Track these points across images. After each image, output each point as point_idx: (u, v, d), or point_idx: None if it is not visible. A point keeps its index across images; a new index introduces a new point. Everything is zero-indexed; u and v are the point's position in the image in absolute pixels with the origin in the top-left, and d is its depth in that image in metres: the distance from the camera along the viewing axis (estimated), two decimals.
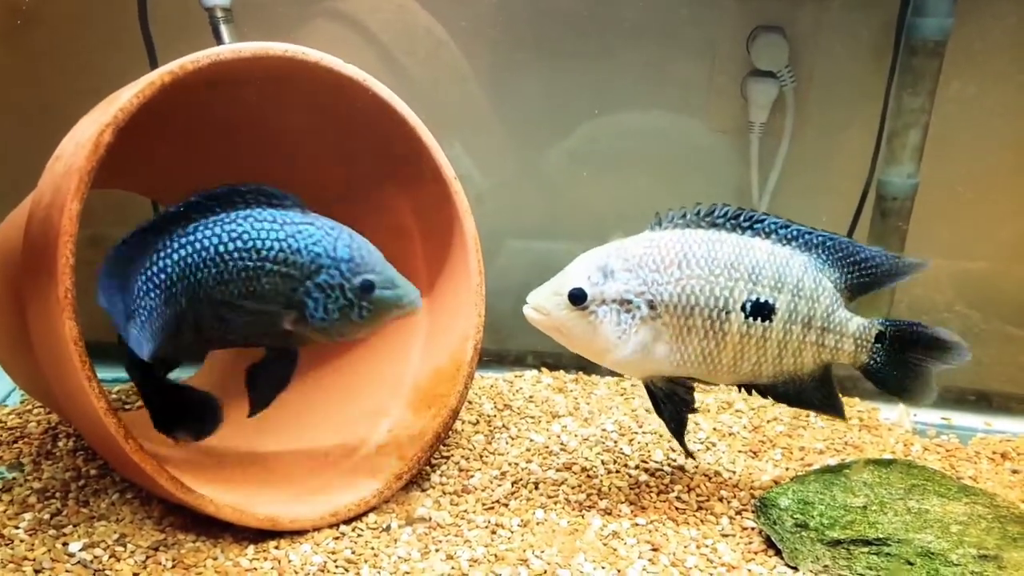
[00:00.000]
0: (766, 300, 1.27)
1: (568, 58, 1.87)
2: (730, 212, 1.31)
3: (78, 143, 1.14)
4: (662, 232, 1.31)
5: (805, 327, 1.30)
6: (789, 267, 1.29)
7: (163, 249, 1.25)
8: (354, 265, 1.25)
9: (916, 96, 1.60)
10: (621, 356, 1.30)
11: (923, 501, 1.31)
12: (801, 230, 1.32)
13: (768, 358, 1.30)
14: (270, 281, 1.24)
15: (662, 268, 1.27)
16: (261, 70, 1.30)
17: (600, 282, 1.27)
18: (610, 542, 1.33)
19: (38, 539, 1.30)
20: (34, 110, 1.82)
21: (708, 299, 1.27)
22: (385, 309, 1.27)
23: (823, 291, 1.31)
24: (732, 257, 1.27)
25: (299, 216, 1.27)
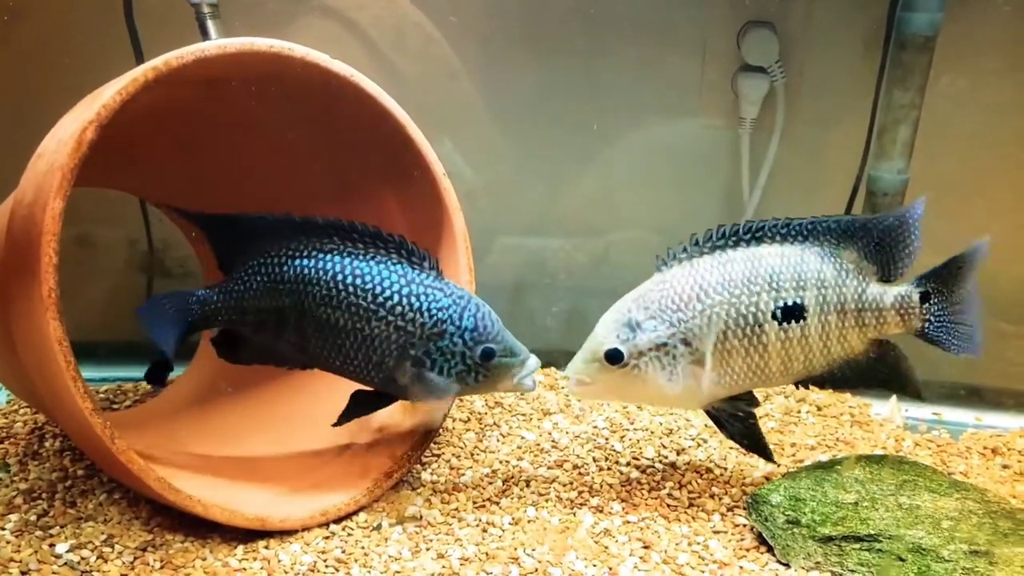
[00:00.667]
0: (794, 302, 1.29)
1: (559, 54, 1.86)
2: (728, 230, 1.32)
3: (60, 140, 1.12)
4: (671, 271, 1.33)
5: (840, 314, 1.31)
6: (805, 263, 1.30)
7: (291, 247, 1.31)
8: (477, 335, 1.29)
9: (906, 91, 1.60)
10: (676, 396, 1.33)
11: (914, 497, 1.31)
12: (802, 224, 1.33)
13: (816, 352, 1.32)
14: (381, 327, 1.29)
15: (683, 305, 1.29)
16: (246, 66, 1.28)
17: (631, 337, 1.30)
18: (601, 540, 1.32)
19: (24, 540, 1.29)
20: (17, 106, 1.80)
21: (737, 319, 1.29)
22: (501, 375, 1.31)
23: (846, 274, 1.31)
24: (746, 272, 1.29)
25: (430, 279, 1.32)
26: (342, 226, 1.32)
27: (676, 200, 1.97)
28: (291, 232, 1.33)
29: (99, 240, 1.84)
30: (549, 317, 2.04)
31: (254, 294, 1.34)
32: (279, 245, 1.33)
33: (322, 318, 1.30)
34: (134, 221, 1.83)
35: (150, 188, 1.66)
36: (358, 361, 1.32)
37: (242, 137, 1.48)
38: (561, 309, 2.04)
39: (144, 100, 1.17)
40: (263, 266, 1.33)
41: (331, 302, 1.29)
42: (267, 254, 1.33)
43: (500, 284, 2.00)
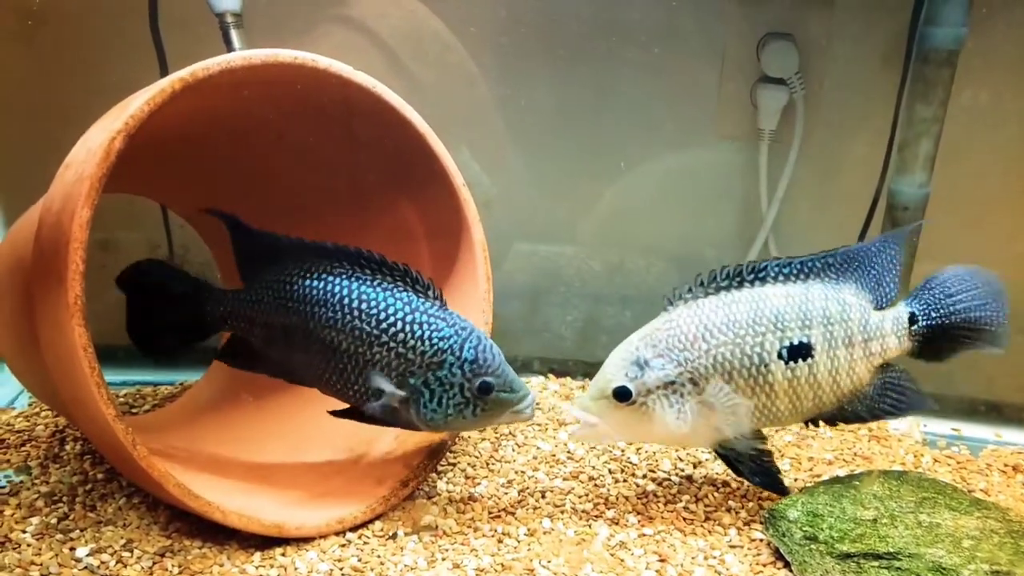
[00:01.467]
0: (800, 341, 1.31)
1: (576, 63, 1.87)
2: (732, 271, 1.35)
3: (89, 150, 1.14)
4: (677, 311, 1.35)
5: (848, 347, 1.33)
6: (809, 300, 1.32)
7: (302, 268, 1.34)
8: (477, 367, 1.29)
9: (928, 105, 1.59)
10: (685, 435, 1.34)
11: (934, 515, 1.30)
12: (803, 262, 1.36)
13: (825, 389, 1.34)
14: (382, 353, 1.29)
15: (689, 345, 1.31)
16: (271, 77, 1.30)
17: (638, 375, 1.31)
18: (617, 552, 1.32)
19: (45, 543, 1.30)
20: (44, 116, 1.82)
21: (742, 359, 1.31)
22: (499, 410, 1.31)
23: (848, 307, 1.34)
24: (751, 313, 1.31)
25: (434, 308, 1.32)
26: (350, 252, 1.34)
27: (692, 211, 1.97)
28: (303, 254, 1.35)
29: (120, 244, 1.86)
30: (564, 326, 2.04)
31: (264, 307, 1.37)
32: (291, 265, 1.35)
33: (326, 340, 1.31)
34: (154, 225, 1.85)
35: (173, 196, 1.68)
36: (358, 386, 1.32)
37: (264, 146, 1.49)
38: (576, 318, 2.04)
39: (170, 110, 1.18)
40: (275, 283, 1.36)
41: (336, 324, 1.30)
42: (280, 272, 1.36)
43: (515, 292, 2.00)
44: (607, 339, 2.07)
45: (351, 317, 1.30)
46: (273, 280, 1.36)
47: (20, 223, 1.43)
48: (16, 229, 1.45)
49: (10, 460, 1.55)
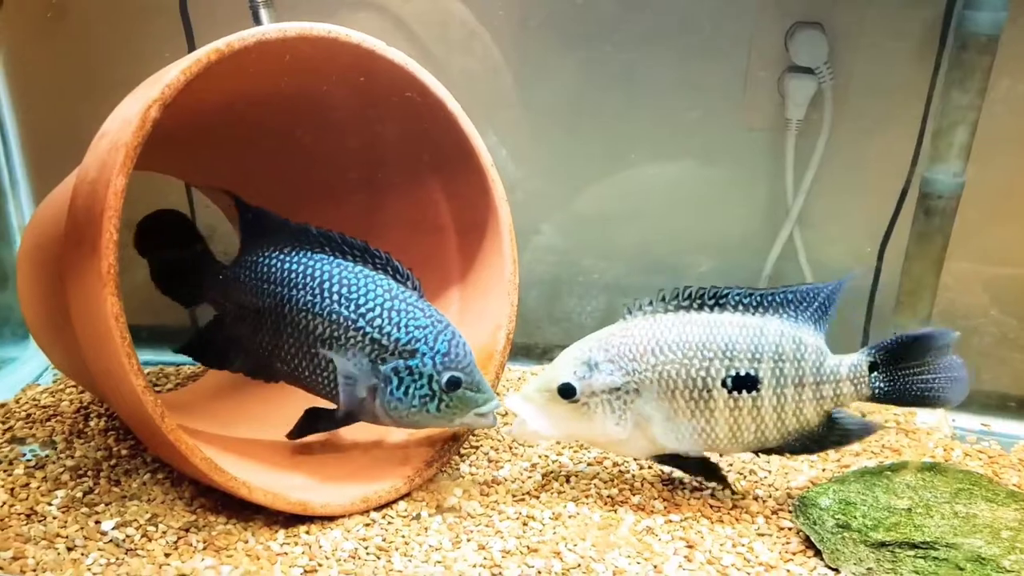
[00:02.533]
0: (747, 372, 1.31)
1: (602, 51, 1.85)
2: (694, 292, 1.35)
3: (124, 119, 1.14)
4: (635, 321, 1.35)
5: (798, 387, 1.32)
6: (764, 335, 1.32)
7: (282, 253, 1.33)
8: (448, 360, 1.28)
9: (965, 93, 1.56)
10: (621, 441, 1.35)
11: (970, 505, 1.28)
12: (764, 294, 1.36)
13: (768, 424, 1.33)
14: (357, 338, 1.28)
15: (639, 356, 1.32)
16: (303, 51, 1.29)
17: (587, 375, 1.32)
18: (644, 538, 1.31)
19: (70, 516, 1.30)
20: (71, 98, 1.83)
21: (686, 380, 1.32)
22: (463, 408, 1.30)
23: (805, 348, 1.33)
24: (703, 337, 1.32)
25: (414, 298, 1.32)
26: (333, 238, 1.33)
27: (717, 202, 1.95)
28: (286, 235, 1.35)
29: None
30: (585, 315, 2.02)
31: (241, 287, 1.36)
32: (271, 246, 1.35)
33: (301, 324, 1.30)
34: (180, 205, 1.85)
35: (200, 175, 1.68)
36: (329, 372, 1.31)
37: (294, 124, 1.49)
38: (597, 307, 2.02)
39: (201, 85, 1.18)
40: (254, 263, 1.35)
41: (313, 308, 1.30)
42: (260, 252, 1.35)
43: (538, 278, 1.99)
44: None
45: (330, 301, 1.29)
46: (251, 261, 1.35)
47: (52, 196, 1.44)
48: (46, 203, 1.45)
49: (36, 435, 1.55)
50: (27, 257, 1.50)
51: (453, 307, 1.56)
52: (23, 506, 1.33)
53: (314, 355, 1.31)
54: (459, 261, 1.56)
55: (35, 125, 1.92)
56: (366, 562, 1.24)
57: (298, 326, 1.30)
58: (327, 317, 1.29)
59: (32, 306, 1.50)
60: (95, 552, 1.23)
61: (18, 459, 1.47)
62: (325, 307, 1.29)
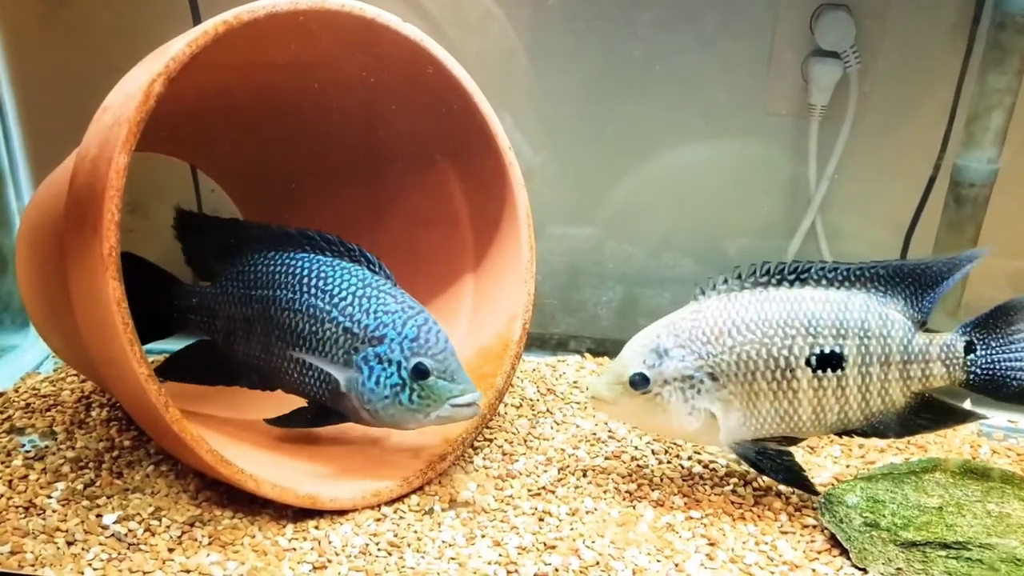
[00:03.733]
0: (832, 350, 1.24)
1: (620, 32, 1.80)
2: (773, 268, 1.28)
3: (128, 93, 1.09)
4: (707, 301, 1.29)
5: (884, 365, 1.25)
6: (849, 310, 1.25)
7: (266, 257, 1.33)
8: (416, 346, 1.23)
9: (1003, 75, 1.50)
10: (695, 431, 1.29)
11: (1003, 504, 1.23)
12: (851, 268, 1.28)
13: (852, 404, 1.26)
14: (332, 330, 1.25)
15: (714, 339, 1.26)
16: (314, 25, 1.24)
17: (656, 363, 1.26)
18: (664, 535, 1.26)
19: (71, 510, 1.26)
20: (71, 79, 1.78)
21: (768, 361, 1.25)
22: (436, 400, 1.24)
23: (893, 325, 1.26)
24: (784, 314, 1.25)
25: (386, 285, 1.29)
26: (312, 236, 1.32)
27: (737, 189, 1.90)
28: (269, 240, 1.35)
29: (149, 208, 1.82)
30: (601, 305, 1.98)
31: (228, 299, 1.35)
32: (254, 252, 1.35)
33: (285, 323, 1.28)
34: (184, 189, 1.80)
35: (205, 156, 1.63)
36: (312, 370, 1.28)
37: (302, 103, 1.44)
38: (614, 297, 1.97)
39: (207, 60, 1.12)
40: (240, 273, 1.34)
41: (294, 305, 1.28)
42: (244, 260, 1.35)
43: (554, 268, 1.94)
44: (645, 320, 2.02)
45: (307, 295, 1.27)
46: (237, 271, 1.35)
47: (52, 177, 1.39)
48: (48, 183, 1.40)
49: (35, 425, 1.51)
50: (26, 240, 1.46)
51: (467, 296, 1.52)
52: (22, 499, 1.29)
53: (295, 356, 1.29)
54: (474, 248, 1.51)
55: (35, 107, 1.87)
56: (377, 558, 1.19)
57: (282, 326, 1.29)
58: (306, 312, 1.27)
59: (32, 292, 1.46)
60: (96, 547, 1.18)
61: (17, 450, 1.42)
62: (304, 302, 1.27)
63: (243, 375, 1.39)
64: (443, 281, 1.55)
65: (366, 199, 1.59)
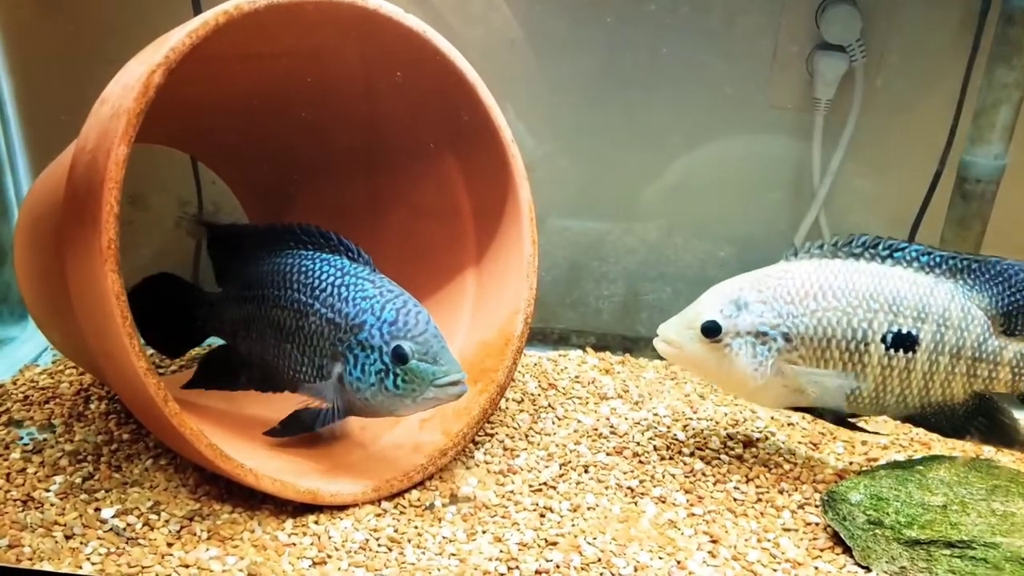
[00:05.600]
0: (908, 331, 1.25)
1: (623, 23, 1.78)
2: (868, 241, 1.28)
3: (126, 85, 1.07)
4: (798, 263, 1.29)
5: (954, 358, 1.26)
6: (934, 296, 1.25)
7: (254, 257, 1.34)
8: (395, 329, 1.21)
9: (1011, 70, 1.49)
10: (756, 388, 1.29)
11: (1008, 503, 1.22)
12: (944, 255, 1.28)
13: (914, 389, 1.27)
14: (317, 322, 1.25)
15: (797, 300, 1.26)
16: (316, 17, 1.22)
17: (733, 314, 1.26)
18: (666, 531, 1.26)
19: (69, 503, 1.25)
20: (71, 68, 1.76)
21: (846, 331, 1.25)
22: (421, 383, 1.21)
23: (973, 319, 1.26)
24: (871, 288, 1.25)
25: (365, 271, 1.28)
26: (292, 229, 1.32)
27: (740, 184, 1.88)
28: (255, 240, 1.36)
29: (149, 200, 1.81)
30: (603, 300, 1.96)
31: (231, 303, 1.37)
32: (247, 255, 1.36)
33: (275, 321, 1.28)
34: (185, 181, 1.79)
35: (206, 149, 1.61)
36: (304, 367, 1.28)
37: (303, 95, 1.42)
38: (615, 292, 1.96)
39: (207, 51, 1.11)
40: (236, 275, 1.36)
41: (279, 302, 1.28)
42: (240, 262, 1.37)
43: (556, 261, 1.93)
44: (646, 314, 2.01)
45: (291, 291, 1.27)
46: (234, 273, 1.37)
47: (51, 168, 1.38)
48: (46, 175, 1.39)
49: (33, 417, 1.50)
50: (25, 232, 1.44)
51: (469, 289, 1.50)
52: (20, 492, 1.28)
53: (290, 352, 1.28)
54: (475, 241, 1.49)
55: (34, 97, 1.85)
56: (377, 554, 1.19)
57: (273, 325, 1.29)
58: (291, 307, 1.27)
59: (30, 284, 1.44)
60: (94, 541, 1.18)
61: (15, 443, 1.41)
62: (288, 298, 1.27)
63: (251, 378, 1.39)
64: (445, 275, 1.54)
65: (368, 191, 1.57)
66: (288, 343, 1.28)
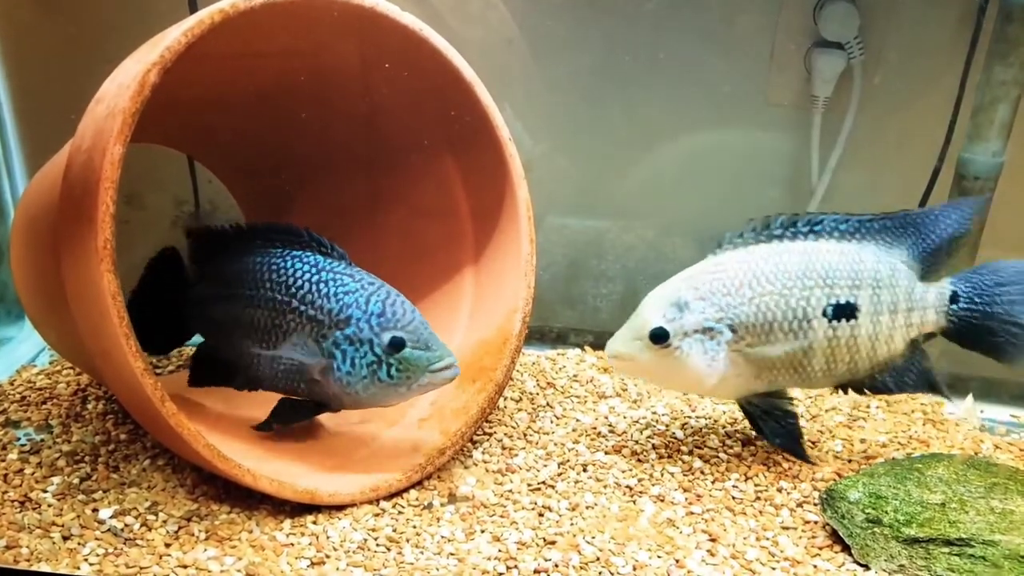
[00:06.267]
0: (847, 300, 1.27)
1: (621, 22, 1.77)
2: (786, 221, 1.30)
3: (121, 84, 1.07)
4: (725, 255, 1.31)
5: (892, 314, 1.29)
6: (862, 261, 1.28)
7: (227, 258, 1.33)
8: (384, 320, 1.22)
9: (1009, 67, 1.49)
10: (713, 384, 1.30)
11: (1007, 501, 1.22)
12: (861, 220, 1.31)
13: (863, 353, 1.29)
14: (296, 320, 1.24)
15: (734, 291, 1.27)
16: (312, 16, 1.22)
17: (677, 317, 1.27)
18: (665, 530, 1.25)
19: (67, 504, 1.25)
20: (67, 67, 1.75)
21: (786, 312, 1.27)
22: (416, 370, 1.23)
23: (899, 273, 1.29)
24: (801, 266, 1.27)
25: (341, 266, 1.27)
26: (260, 229, 1.32)
27: (739, 181, 1.88)
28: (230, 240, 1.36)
29: (146, 199, 1.80)
30: (602, 298, 1.96)
31: (210, 302, 1.37)
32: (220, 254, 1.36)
33: (249, 320, 1.28)
34: (181, 180, 1.78)
35: (202, 148, 1.61)
36: (282, 364, 1.27)
37: (300, 94, 1.41)
38: (614, 291, 1.96)
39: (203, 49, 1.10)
40: (213, 277, 1.36)
41: (253, 301, 1.27)
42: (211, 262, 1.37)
43: (554, 260, 1.93)
44: None
45: (264, 289, 1.26)
46: (205, 272, 1.38)
47: (46, 168, 1.37)
48: (42, 175, 1.38)
49: (31, 418, 1.50)
50: (21, 232, 1.44)
51: (467, 288, 1.50)
52: (17, 493, 1.28)
53: (265, 350, 1.28)
54: (473, 240, 1.49)
55: (30, 96, 1.84)
56: (376, 553, 1.18)
57: (247, 324, 1.28)
58: (266, 306, 1.26)
59: (27, 284, 1.44)
60: (92, 542, 1.17)
61: (12, 443, 1.41)
62: (262, 296, 1.27)
63: (232, 376, 1.38)
64: (443, 274, 1.53)
65: (365, 190, 1.57)
66: (264, 343, 1.28)
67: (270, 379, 1.31)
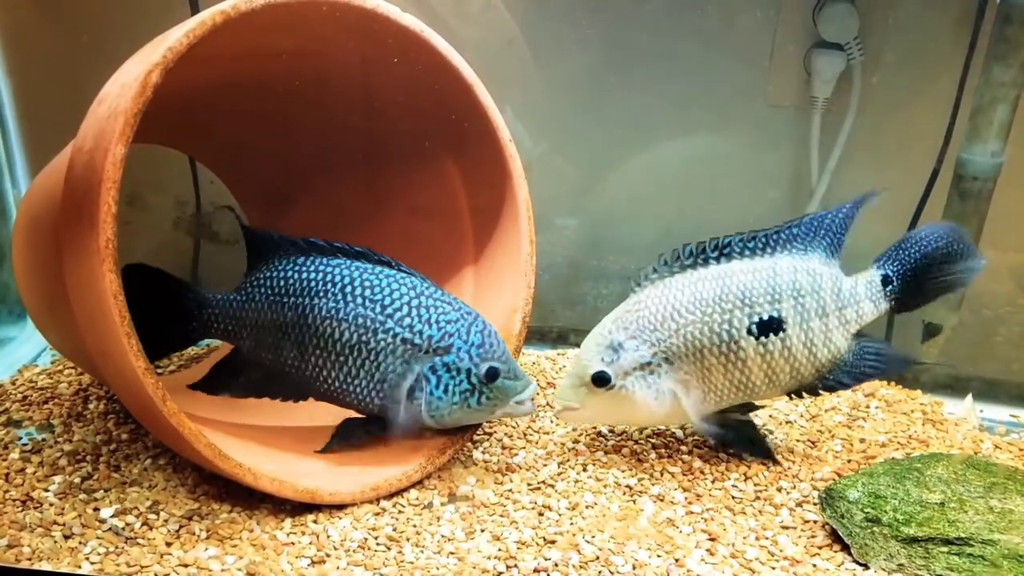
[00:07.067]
0: (770, 315, 1.30)
1: (621, 23, 1.78)
2: (694, 249, 1.35)
3: (123, 84, 1.07)
4: (644, 292, 1.35)
5: (823, 318, 1.32)
6: (777, 274, 1.31)
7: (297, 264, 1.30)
8: (484, 351, 1.26)
9: (1008, 68, 1.49)
10: (665, 414, 1.34)
11: (1006, 500, 1.22)
12: (767, 233, 1.35)
13: (802, 361, 1.33)
14: (387, 340, 1.26)
15: (660, 325, 1.31)
16: (314, 17, 1.22)
17: (614, 359, 1.32)
18: (665, 529, 1.26)
19: (68, 503, 1.25)
20: (69, 68, 1.76)
21: (711, 337, 1.30)
22: (503, 398, 1.29)
23: (820, 277, 1.32)
24: (718, 290, 1.31)
25: (438, 292, 1.29)
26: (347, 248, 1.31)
27: (739, 182, 1.89)
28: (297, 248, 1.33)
29: (147, 200, 1.81)
30: (602, 299, 1.97)
31: (256, 306, 1.33)
32: (283, 259, 1.33)
33: (326, 332, 1.27)
34: (183, 181, 1.79)
35: (203, 148, 1.61)
36: (360, 380, 1.28)
37: (301, 95, 1.42)
38: (614, 291, 1.97)
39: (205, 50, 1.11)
40: (268, 279, 1.32)
41: (337, 315, 1.27)
42: (272, 268, 1.33)
43: (554, 261, 1.94)
44: None
45: (355, 305, 1.26)
46: (265, 277, 1.33)
47: (48, 169, 1.38)
48: (44, 175, 1.39)
49: (32, 418, 1.50)
50: (23, 232, 1.44)
51: (467, 289, 1.51)
52: (19, 492, 1.28)
53: (343, 363, 1.28)
54: (473, 241, 1.50)
55: (32, 96, 1.85)
56: (376, 552, 1.19)
57: (323, 335, 1.27)
58: (353, 322, 1.26)
59: (29, 284, 1.44)
60: (93, 540, 1.18)
61: (14, 443, 1.42)
62: (350, 312, 1.26)
63: (271, 385, 1.36)
64: (443, 274, 1.54)
65: (365, 191, 1.58)
66: (344, 356, 1.27)
67: (339, 394, 1.31)
